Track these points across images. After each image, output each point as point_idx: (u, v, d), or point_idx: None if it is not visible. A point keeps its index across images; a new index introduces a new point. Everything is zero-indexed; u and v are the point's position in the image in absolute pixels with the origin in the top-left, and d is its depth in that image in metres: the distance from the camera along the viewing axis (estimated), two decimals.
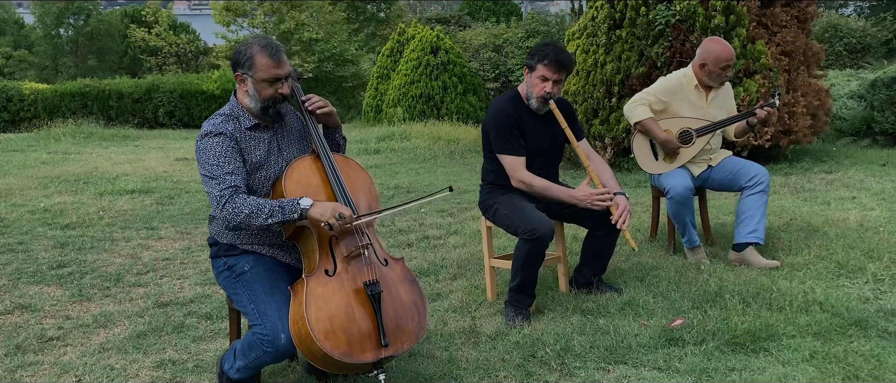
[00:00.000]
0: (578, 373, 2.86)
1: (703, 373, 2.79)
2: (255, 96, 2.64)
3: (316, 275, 2.49)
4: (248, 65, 2.60)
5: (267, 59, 2.59)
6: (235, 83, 2.69)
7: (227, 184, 2.52)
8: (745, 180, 4.15)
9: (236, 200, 2.51)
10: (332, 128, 2.90)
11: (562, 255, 3.77)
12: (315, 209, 2.48)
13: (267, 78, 2.60)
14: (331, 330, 2.41)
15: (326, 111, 2.77)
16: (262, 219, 2.49)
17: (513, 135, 3.50)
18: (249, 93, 2.65)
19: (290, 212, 2.48)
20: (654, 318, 3.30)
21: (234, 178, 2.54)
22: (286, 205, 2.49)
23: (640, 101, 4.19)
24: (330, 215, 2.45)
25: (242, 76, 2.63)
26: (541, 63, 3.46)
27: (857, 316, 3.18)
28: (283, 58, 2.62)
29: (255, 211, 2.49)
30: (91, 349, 3.30)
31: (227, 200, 2.50)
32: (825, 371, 2.75)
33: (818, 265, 3.90)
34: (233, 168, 2.56)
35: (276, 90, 2.62)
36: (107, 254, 5.03)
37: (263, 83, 2.60)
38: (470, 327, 3.36)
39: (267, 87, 2.61)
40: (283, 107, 2.72)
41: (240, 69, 2.64)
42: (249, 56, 2.61)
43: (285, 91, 2.64)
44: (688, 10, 7.21)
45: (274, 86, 2.61)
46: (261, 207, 2.49)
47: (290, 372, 3.04)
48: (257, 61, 2.59)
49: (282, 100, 2.67)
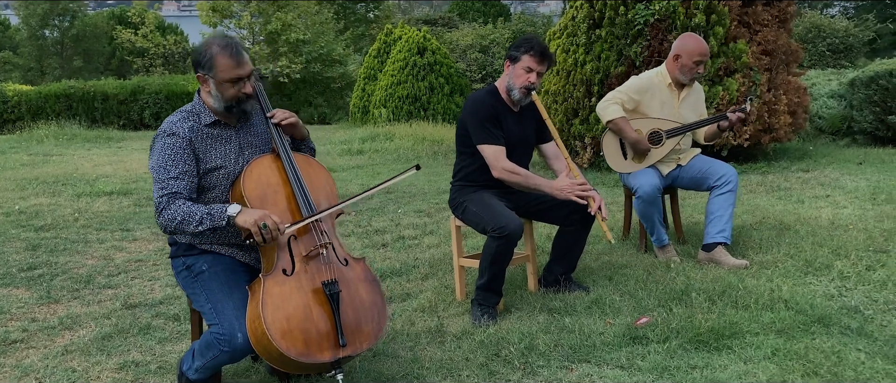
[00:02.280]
0: (541, 372, 2.86)
1: (665, 371, 2.80)
2: (217, 96, 2.62)
3: (273, 275, 2.48)
4: (209, 66, 2.58)
5: (227, 60, 2.57)
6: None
7: (166, 191, 2.50)
8: (713, 180, 4.17)
9: (172, 207, 2.49)
10: (298, 140, 2.90)
11: (531, 254, 3.77)
12: (241, 216, 2.45)
13: (228, 78, 2.58)
14: (287, 330, 2.39)
15: (291, 122, 2.76)
16: (193, 226, 2.46)
17: (492, 125, 3.51)
18: (212, 93, 2.63)
19: (218, 219, 2.46)
20: (619, 317, 3.30)
21: (176, 184, 2.52)
22: (215, 212, 2.46)
23: (612, 100, 4.20)
24: (252, 223, 2.41)
25: (204, 77, 2.62)
26: (526, 54, 3.49)
27: (821, 313, 3.19)
28: (243, 57, 2.60)
29: (186, 218, 2.47)
30: (54, 351, 3.27)
31: (164, 207, 2.49)
32: (785, 368, 2.76)
33: (787, 263, 3.92)
34: (178, 172, 2.53)
35: (238, 90, 2.60)
36: (79, 256, 4.99)
37: (225, 84, 2.59)
38: (436, 327, 3.36)
39: (229, 88, 2.59)
40: (248, 105, 2.69)
41: (201, 70, 2.62)
42: (210, 57, 2.58)
43: (248, 90, 2.62)
44: (667, 9, 7.23)
45: (236, 86, 2.59)
46: (192, 214, 2.47)
47: (252, 373, 3.02)
48: (218, 62, 2.57)
49: (246, 99, 2.64)
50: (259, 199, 2.58)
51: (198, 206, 2.49)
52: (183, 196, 2.52)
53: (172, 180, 2.52)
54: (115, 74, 24.45)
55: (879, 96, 8.50)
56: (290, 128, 2.80)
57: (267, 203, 2.59)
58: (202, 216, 2.46)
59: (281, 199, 2.62)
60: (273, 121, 2.73)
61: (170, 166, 2.53)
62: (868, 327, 3.07)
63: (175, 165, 2.54)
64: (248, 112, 2.69)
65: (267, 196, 2.60)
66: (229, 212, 2.45)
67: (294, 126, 2.79)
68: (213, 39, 2.63)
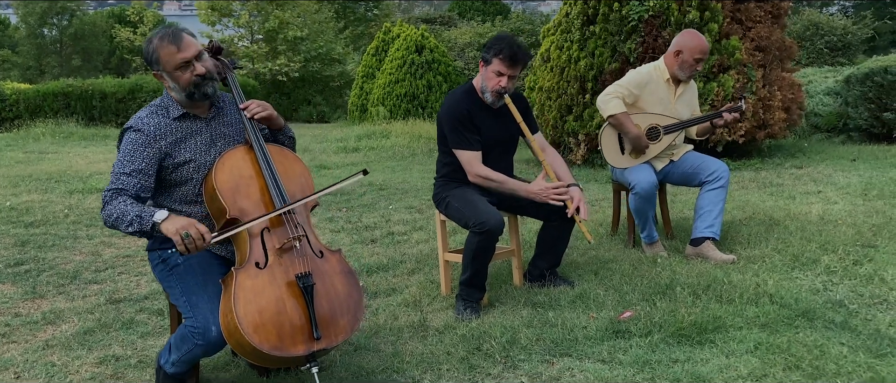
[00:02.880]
0: (522, 366, 2.84)
1: (646, 365, 2.78)
2: (176, 87, 2.61)
3: (246, 268, 2.46)
4: (155, 59, 2.58)
5: (168, 47, 2.55)
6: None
7: (114, 186, 2.49)
8: (705, 175, 4.15)
9: (113, 202, 2.47)
10: (276, 130, 2.88)
11: (516, 249, 3.76)
12: (165, 224, 2.39)
13: (176, 65, 2.56)
14: (260, 324, 2.37)
15: (265, 115, 2.75)
16: (124, 226, 2.43)
17: (467, 130, 3.48)
18: (171, 86, 2.62)
19: (145, 223, 2.41)
20: (603, 311, 3.29)
21: (125, 180, 2.50)
22: (144, 216, 2.41)
23: (613, 94, 4.15)
24: (174, 232, 2.34)
25: (158, 73, 2.61)
26: (496, 57, 3.41)
27: (805, 307, 3.17)
28: (184, 40, 2.57)
29: (120, 217, 2.43)
30: (35, 346, 3.26)
31: (107, 201, 2.48)
32: (767, 361, 2.74)
33: (774, 258, 3.90)
34: (131, 169, 2.51)
35: (191, 73, 2.57)
36: (67, 252, 4.98)
37: (176, 71, 2.57)
38: (419, 321, 3.34)
39: (180, 74, 2.57)
40: (209, 88, 2.64)
41: (152, 68, 2.62)
42: (153, 51, 2.58)
43: (201, 71, 2.58)
44: (661, 5, 7.21)
45: (187, 70, 2.57)
46: (125, 214, 2.43)
47: (232, 367, 3.01)
48: (161, 53, 2.56)
49: (203, 80, 2.60)
50: (231, 192, 2.56)
51: (134, 207, 2.44)
52: (128, 193, 2.49)
53: (123, 176, 2.51)
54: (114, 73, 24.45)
55: (874, 93, 8.48)
56: (265, 121, 2.78)
57: (239, 194, 2.57)
58: (133, 217, 2.41)
59: (254, 191, 2.60)
60: (246, 116, 2.71)
61: (126, 162, 2.52)
62: (852, 321, 3.05)
63: (131, 162, 2.52)
64: (210, 94, 2.65)
65: (240, 188, 2.58)
66: (155, 217, 2.39)
67: (269, 119, 2.77)
68: (153, 34, 2.62)
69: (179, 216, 2.45)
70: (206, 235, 2.37)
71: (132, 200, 2.49)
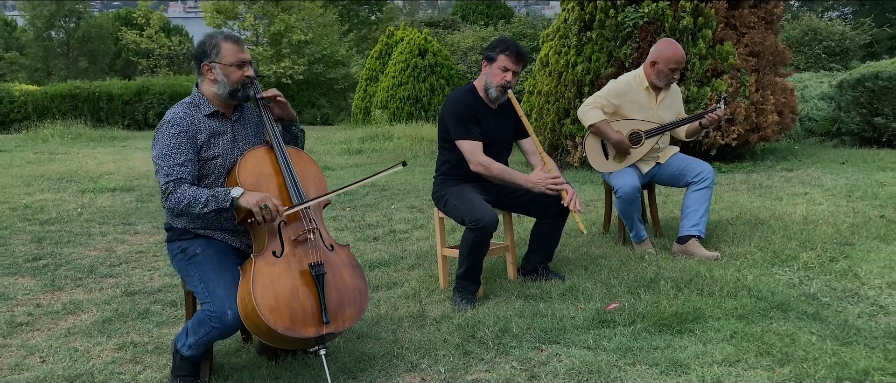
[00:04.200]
0: (513, 352, 3.05)
1: (628, 351, 2.98)
2: (223, 82, 2.87)
3: (264, 256, 2.69)
4: (215, 52, 2.85)
5: (232, 45, 2.85)
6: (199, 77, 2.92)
7: (172, 177, 2.73)
8: (691, 176, 4.35)
9: (178, 191, 2.72)
10: (288, 122, 3.10)
11: (511, 245, 3.97)
12: (243, 198, 2.69)
13: (234, 62, 2.85)
14: (275, 306, 2.60)
15: (283, 101, 3.01)
16: (199, 207, 2.71)
17: (470, 121, 3.70)
18: (217, 79, 2.87)
19: (223, 200, 2.70)
20: (591, 302, 3.49)
21: (180, 170, 2.75)
22: (219, 194, 2.70)
23: (592, 105, 4.38)
24: (255, 203, 2.65)
25: (209, 65, 2.87)
26: (502, 54, 3.68)
27: (781, 299, 3.38)
28: (243, 44, 2.90)
29: (192, 201, 2.71)
30: (58, 333, 3.48)
31: (171, 191, 2.73)
32: (741, 348, 2.94)
33: (756, 255, 4.10)
34: (183, 160, 2.76)
35: (242, 73, 2.86)
36: (82, 248, 5.20)
37: (231, 67, 2.85)
38: (418, 312, 3.55)
39: (235, 71, 2.85)
40: (251, 91, 2.94)
41: (206, 59, 2.87)
42: (215, 44, 2.87)
43: (250, 73, 2.88)
44: (656, 12, 7.42)
45: (241, 69, 2.86)
46: (198, 197, 2.71)
47: (244, 353, 3.22)
48: (223, 48, 2.85)
49: (249, 83, 2.90)
50: (253, 187, 2.79)
51: (202, 190, 2.73)
52: (187, 181, 2.75)
53: (177, 167, 2.75)
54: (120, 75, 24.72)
55: (866, 98, 8.67)
56: (281, 108, 3.03)
57: (260, 190, 2.80)
58: (208, 198, 2.70)
59: (273, 188, 2.83)
60: (265, 95, 2.97)
61: (174, 153, 2.76)
62: (823, 312, 3.25)
63: (179, 153, 2.76)
64: (251, 96, 2.95)
65: (260, 184, 2.81)
66: (233, 193, 2.70)
67: (283, 106, 3.03)
68: (215, 32, 2.92)
69: (253, 191, 2.72)
70: (281, 207, 2.69)
71: (195, 185, 2.76)
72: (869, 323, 3.12)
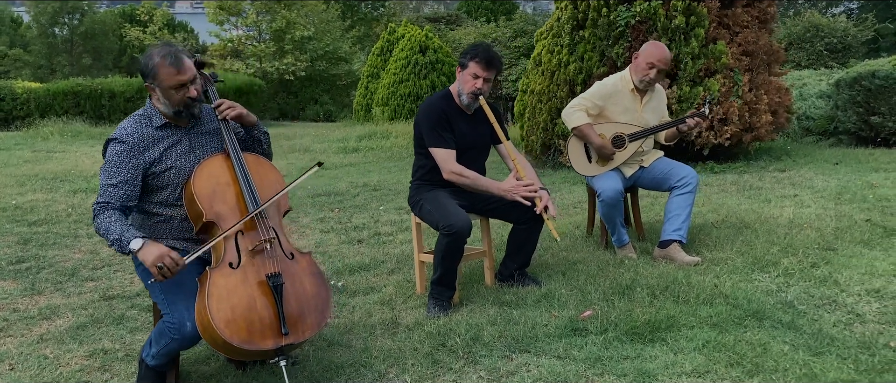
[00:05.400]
0: (483, 361, 3.02)
1: (598, 361, 2.95)
2: (165, 103, 2.80)
3: (220, 268, 2.66)
4: (152, 75, 2.75)
5: (168, 69, 2.73)
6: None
7: (101, 199, 2.69)
8: (674, 181, 4.31)
9: (101, 216, 2.66)
10: (249, 126, 3.05)
11: (488, 250, 3.94)
12: (142, 253, 2.57)
13: (172, 85, 2.74)
14: (231, 319, 2.57)
15: (235, 114, 2.93)
16: (108, 243, 2.63)
17: (443, 129, 3.67)
18: (160, 100, 2.80)
19: (124, 247, 2.59)
20: (565, 310, 3.46)
21: (111, 192, 2.69)
22: (123, 240, 2.58)
23: (577, 107, 4.34)
24: (151, 264, 2.53)
25: (151, 86, 2.79)
26: (473, 61, 3.65)
27: (756, 307, 3.34)
28: (184, 63, 2.74)
29: (105, 233, 2.63)
30: (30, 340, 3.47)
31: (96, 214, 2.68)
32: (712, 358, 2.91)
33: (736, 260, 4.06)
34: (117, 181, 2.70)
35: (183, 95, 2.77)
36: (67, 250, 5.20)
37: (170, 90, 2.75)
38: (391, 319, 3.53)
39: (174, 94, 2.76)
40: (197, 109, 2.86)
41: (146, 80, 2.79)
42: (152, 67, 2.74)
43: (193, 94, 2.78)
44: (648, 11, 7.36)
45: (181, 91, 2.76)
46: (109, 232, 2.62)
47: (212, 361, 3.20)
48: (159, 72, 2.73)
49: (192, 103, 2.81)
50: (209, 197, 2.75)
51: (117, 226, 2.62)
52: (114, 206, 2.69)
53: (110, 187, 2.70)
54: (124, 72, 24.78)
55: (862, 97, 8.60)
56: (236, 119, 2.95)
57: (216, 200, 2.76)
58: (114, 239, 2.61)
59: (230, 197, 2.80)
60: (218, 116, 2.89)
61: (112, 173, 2.71)
62: (798, 321, 3.21)
63: (117, 173, 2.71)
64: (197, 115, 2.86)
65: (216, 193, 2.78)
66: (132, 246, 2.58)
67: (239, 117, 2.95)
68: (154, 49, 2.78)
69: (154, 244, 2.60)
70: (179, 261, 2.57)
71: (118, 215, 2.67)
72: (843, 333, 3.08)
